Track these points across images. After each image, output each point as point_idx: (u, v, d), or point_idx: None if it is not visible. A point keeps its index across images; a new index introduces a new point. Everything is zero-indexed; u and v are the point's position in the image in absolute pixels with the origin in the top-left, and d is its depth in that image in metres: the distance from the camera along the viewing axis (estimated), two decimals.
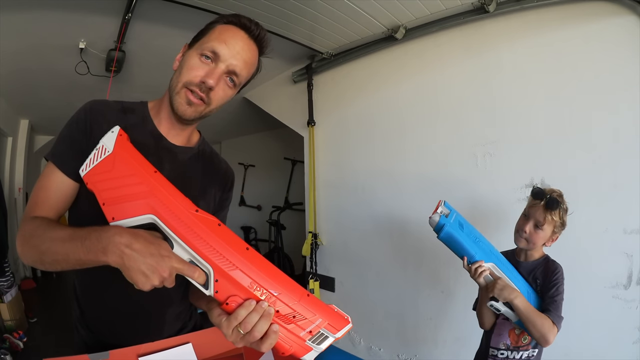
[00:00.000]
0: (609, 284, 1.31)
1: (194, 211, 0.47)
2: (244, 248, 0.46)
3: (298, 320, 0.46)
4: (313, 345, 0.47)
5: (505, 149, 1.55)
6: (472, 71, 1.64)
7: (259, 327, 0.44)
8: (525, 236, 1.02)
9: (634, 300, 1.28)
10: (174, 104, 0.60)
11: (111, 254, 0.45)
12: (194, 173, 0.68)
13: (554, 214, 0.99)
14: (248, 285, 0.45)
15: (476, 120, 1.62)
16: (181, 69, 0.59)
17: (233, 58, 0.59)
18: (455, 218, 0.98)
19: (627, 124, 1.29)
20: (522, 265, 1.07)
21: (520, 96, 1.52)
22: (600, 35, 1.35)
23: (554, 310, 0.96)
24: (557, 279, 0.99)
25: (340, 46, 2.02)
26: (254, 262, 0.46)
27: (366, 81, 2.01)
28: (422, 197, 1.69)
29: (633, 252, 1.28)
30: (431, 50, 1.76)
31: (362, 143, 2.04)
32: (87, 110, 0.60)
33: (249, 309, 0.44)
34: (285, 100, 2.42)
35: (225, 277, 0.45)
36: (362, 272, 2.05)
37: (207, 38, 0.59)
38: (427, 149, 1.78)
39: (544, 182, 1.46)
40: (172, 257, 0.45)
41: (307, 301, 0.46)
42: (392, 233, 1.90)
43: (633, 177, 1.28)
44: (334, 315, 0.47)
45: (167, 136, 0.65)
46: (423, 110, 1.80)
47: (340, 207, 2.14)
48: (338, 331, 0.47)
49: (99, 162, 0.50)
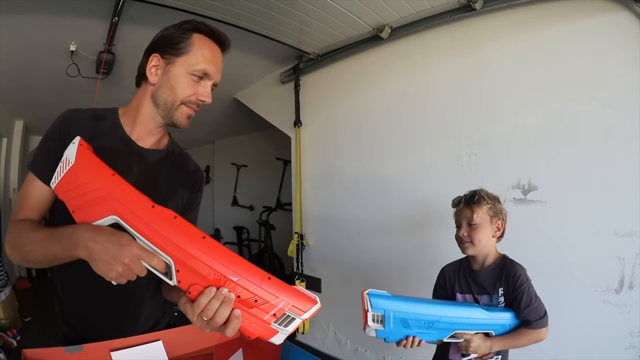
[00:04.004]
0: (600, 288, 1.14)
1: (150, 207, 0.46)
2: (201, 237, 0.45)
3: (260, 304, 0.44)
4: (279, 328, 0.45)
5: (491, 149, 1.37)
6: (459, 70, 1.46)
7: (221, 312, 0.43)
8: (466, 239, 0.89)
9: (625, 305, 1.11)
10: (173, 119, 0.61)
11: (80, 248, 0.46)
12: (163, 174, 0.67)
13: (479, 205, 0.89)
14: (207, 273, 0.44)
15: (462, 120, 1.44)
16: (173, 87, 0.60)
17: (217, 74, 0.62)
18: (394, 319, 0.69)
19: (617, 122, 1.12)
20: (480, 275, 0.90)
21: (507, 95, 1.34)
22: (589, 33, 1.18)
23: (535, 318, 0.82)
24: (521, 285, 0.83)
25: (326, 46, 1.84)
26: (211, 251, 0.45)
27: (352, 81, 1.84)
28: (407, 197, 1.51)
29: (625, 256, 1.11)
30: (417, 49, 1.58)
31: (347, 144, 1.86)
32: (60, 121, 0.61)
33: (210, 296, 0.43)
34: (274, 101, 2.24)
35: (185, 267, 0.44)
36: (348, 273, 1.86)
37: (192, 57, 0.59)
38: (412, 149, 1.60)
39: (531, 182, 1.28)
40: (132, 245, 0.45)
41: (269, 284, 0.44)
42: (376, 234, 1.71)
43: (624, 178, 1.10)
44: (299, 297, 0.45)
45: (137, 140, 0.64)
46: (408, 110, 1.61)
47: (326, 207, 1.96)
48: (304, 312, 0.44)
49: (65, 174, 0.51)
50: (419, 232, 1.51)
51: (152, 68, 0.60)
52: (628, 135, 1.10)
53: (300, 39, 1.79)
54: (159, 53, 0.60)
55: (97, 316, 0.63)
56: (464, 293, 0.91)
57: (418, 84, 1.58)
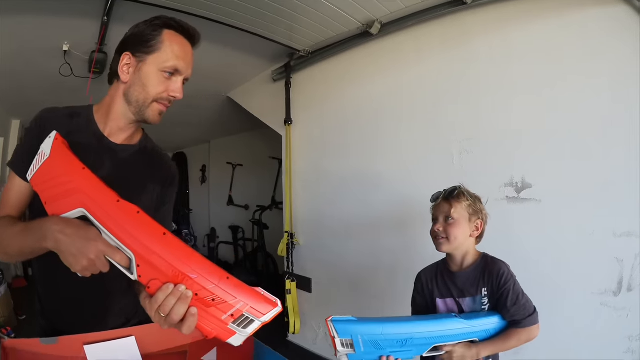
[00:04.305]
0: (597, 291, 1.08)
1: (115, 201, 0.47)
2: (161, 233, 0.45)
3: (218, 303, 0.43)
4: (237, 329, 0.44)
5: (483, 146, 1.31)
6: (449, 65, 1.41)
7: (177, 310, 0.43)
8: (442, 234, 0.84)
9: (624, 308, 1.05)
10: (145, 115, 0.62)
11: (49, 240, 0.47)
12: (134, 169, 0.67)
13: (458, 200, 0.84)
14: (166, 269, 0.44)
15: (452, 116, 1.39)
16: (144, 85, 0.61)
17: (188, 69, 0.63)
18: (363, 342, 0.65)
19: (616, 116, 1.06)
20: (460, 276, 0.84)
21: (499, 90, 1.29)
22: (582, 25, 1.12)
23: (524, 316, 0.77)
24: (506, 282, 0.78)
25: (316, 44, 1.81)
26: (171, 247, 0.45)
27: (342, 79, 1.80)
28: (395, 195, 1.46)
29: (624, 257, 1.04)
30: (407, 45, 1.54)
31: (337, 141, 1.82)
32: (37, 119, 0.63)
33: (167, 292, 0.43)
34: (266, 99, 2.21)
35: (145, 262, 0.45)
36: (337, 273, 1.81)
37: (163, 54, 0.60)
38: (402, 147, 1.55)
39: (524, 180, 1.23)
40: (98, 241, 0.46)
41: (227, 284, 0.43)
42: (365, 233, 1.66)
43: (623, 175, 1.04)
44: (258, 299, 0.44)
45: (109, 136, 0.65)
46: (398, 106, 1.57)
47: (316, 206, 1.92)
48: (264, 315, 0.44)
49: (40, 167, 0.52)
50: (407, 230, 1.46)
51: (124, 67, 0.61)
52: (627, 130, 1.04)
53: (290, 37, 1.76)
54: (130, 51, 0.61)
55: (69, 310, 0.65)
56: (444, 297, 0.86)
57: (408, 80, 1.53)
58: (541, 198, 1.19)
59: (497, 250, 0.90)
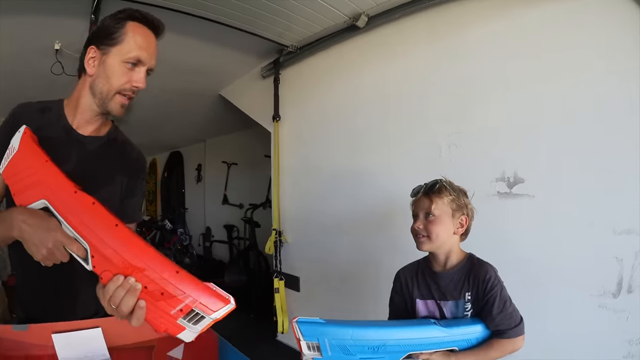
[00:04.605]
0: (595, 292, 1.00)
1: (73, 192, 0.48)
2: (114, 225, 0.46)
3: (167, 297, 0.42)
4: (187, 325, 0.43)
5: (472, 139, 1.24)
6: (437, 57, 1.35)
7: (126, 301, 0.43)
8: (422, 232, 0.77)
9: (624, 310, 0.97)
10: (108, 107, 0.63)
11: (15, 229, 0.49)
12: (102, 161, 0.68)
13: (439, 195, 0.78)
14: (117, 261, 0.44)
15: (440, 109, 1.32)
16: (108, 77, 0.61)
17: (151, 59, 0.63)
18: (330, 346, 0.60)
19: (611, 106, 0.99)
20: (443, 277, 0.78)
21: (489, 82, 1.22)
22: (576, 14, 1.05)
23: (509, 326, 0.70)
24: (492, 288, 0.71)
25: (304, 39, 1.76)
26: (123, 239, 0.45)
27: (329, 74, 1.75)
28: (382, 191, 1.40)
29: (624, 256, 0.96)
30: (394, 37, 1.48)
31: (324, 137, 1.77)
32: (11, 114, 0.65)
33: (117, 283, 0.43)
34: (256, 96, 2.17)
35: (98, 253, 0.45)
36: (325, 271, 1.75)
37: (125, 45, 0.61)
38: (388, 141, 1.49)
39: (517, 175, 1.15)
40: (57, 231, 0.47)
41: (176, 278, 0.42)
42: (353, 230, 1.61)
43: (622, 168, 0.96)
44: (209, 295, 0.43)
45: (77, 129, 0.67)
46: (385, 100, 1.51)
47: (304, 203, 1.87)
48: (214, 312, 0.42)
49: (10, 160, 0.54)
50: (394, 227, 1.39)
51: (89, 60, 0.62)
52: (625, 119, 0.96)
53: (278, 32, 1.73)
54: (95, 45, 0.62)
55: (41, 299, 0.67)
56: (425, 298, 0.79)
57: (395, 74, 1.48)
58: (534, 193, 1.11)
59: (488, 249, 0.84)
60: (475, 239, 0.88)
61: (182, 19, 1.53)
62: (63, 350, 0.56)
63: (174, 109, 2.83)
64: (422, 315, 0.79)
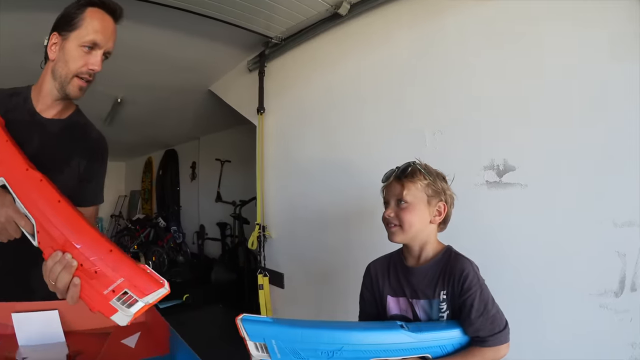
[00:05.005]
0: (595, 291, 0.89)
1: (24, 170, 0.50)
2: (57, 201, 0.47)
3: (100, 276, 0.43)
4: (120, 307, 0.42)
5: (458, 125, 1.15)
6: (421, 41, 1.26)
7: (61, 278, 0.44)
8: (393, 221, 0.69)
9: (627, 310, 0.86)
10: (67, 90, 0.67)
11: None
12: (61, 142, 0.71)
13: (412, 180, 0.70)
14: (57, 237, 0.45)
15: (424, 94, 1.23)
16: (66, 61, 0.65)
17: (107, 42, 0.67)
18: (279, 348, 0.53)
19: (610, 84, 0.88)
20: (416, 273, 0.69)
21: (474, 64, 1.12)
22: None
23: (491, 332, 0.60)
24: (470, 288, 0.62)
25: (287, 29, 1.70)
26: (63, 215, 0.46)
27: (312, 65, 1.68)
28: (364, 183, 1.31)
29: (626, 250, 0.86)
30: (377, 25, 1.41)
31: (307, 129, 1.69)
32: None
33: (55, 259, 0.44)
34: (243, 90, 2.12)
35: (43, 229, 0.46)
36: (309, 268, 1.68)
37: (83, 30, 0.64)
38: (371, 130, 1.40)
39: (507, 162, 1.05)
40: (10, 207, 0.49)
41: (109, 257, 0.43)
42: (336, 224, 1.53)
43: (623, 154, 0.86)
44: (141, 277, 0.42)
45: (41, 112, 0.70)
46: (367, 88, 1.43)
47: (288, 197, 1.79)
48: (145, 295, 0.41)
49: None
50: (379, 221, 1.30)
51: (52, 46, 0.66)
52: (626, 102, 0.86)
53: (262, 24, 1.67)
54: (57, 31, 0.66)
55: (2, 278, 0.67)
56: (397, 295, 0.71)
57: (377, 61, 1.39)
58: (527, 182, 1.01)
59: (476, 244, 0.77)
60: (462, 233, 0.79)
61: (170, 14, 1.49)
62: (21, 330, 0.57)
63: (166, 106, 2.81)
64: (393, 314, 0.70)
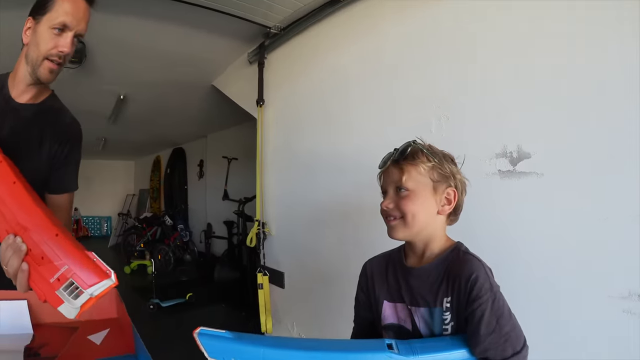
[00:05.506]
0: (616, 294, 0.77)
1: None
2: (12, 182, 0.45)
3: (46, 262, 0.40)
4: (66, 297, 0.39)
5: (467, 108, 1.04)
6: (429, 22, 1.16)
7: (11, 262, 0.42)
8: (393, 213, 0.56)
9: None
10: (37, 74, 0.67)
11: None
12: (34, 127, 0.70)
13: (413, 163, 0.56)
14: (10, 219, 0.43)
15: (431, 77, 1.14)
16: (37, 44, 0.65)
17: (79, 24, 0.66)
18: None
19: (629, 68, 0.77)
20: (417, 274, 0.56)
21: (485, 43, 1.02)
22: None
23: (504, 354, 0.47)
24: (481, 296, 0.48)
25: (286, 17, 1.65)
26: (18, 197, 0.44)
27: (313, 52, 1.61)
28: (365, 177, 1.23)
29: None
30: (378, 8, 1.32)
31: (307, 121, 1.63)
32: None
33: (7, 242, 0.43)
34: (244, 83, 2.08)
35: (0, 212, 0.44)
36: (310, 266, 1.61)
37: (54, 12, 0.64)
38: (373, 119, 1.32)
39: (521, 149, 0.95)
40: None
41: (55, 242, 0.40)
42: (335, 221, 1.46)
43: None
44: (86, 266, 0.38)
45: (15, 97, 0.70)
46: (368, 74, 1.34)
47: (288, 193, 1.73)
48: (89, 286, 0.38)
49: None
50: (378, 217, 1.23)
51: (26, 31, 0.67)
52: None
53: (262, 13, 1.62)
54: (31, 16, 0.66)
55: None
56: (394, 301, 0.59)
57: (380, 47, 1.31)
58: (543, 171, 0.90)
59: (487, 241, 0.68)
60: (469, 228, 0.69)
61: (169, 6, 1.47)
62: None
63: (169, 103, 2.83)
64: (388, 324, 0.59)
